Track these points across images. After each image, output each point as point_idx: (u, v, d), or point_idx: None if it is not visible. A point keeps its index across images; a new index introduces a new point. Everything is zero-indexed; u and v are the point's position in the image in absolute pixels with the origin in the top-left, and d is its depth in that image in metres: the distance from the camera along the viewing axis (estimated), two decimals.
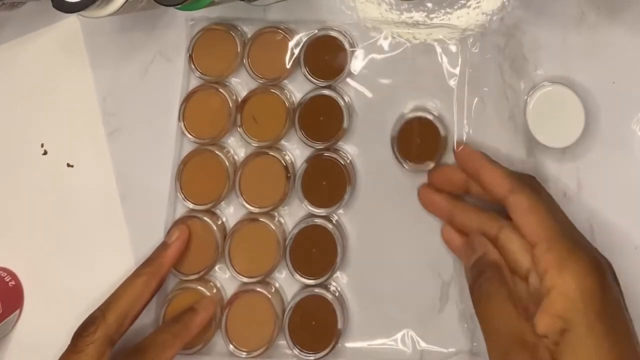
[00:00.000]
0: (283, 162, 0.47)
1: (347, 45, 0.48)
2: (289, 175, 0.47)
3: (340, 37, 0.48)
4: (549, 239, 0.36)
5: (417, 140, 0.46)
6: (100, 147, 0.52)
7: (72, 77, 0.53)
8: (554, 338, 0.34)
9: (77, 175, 0.53)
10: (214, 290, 0.48)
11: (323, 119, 0.48)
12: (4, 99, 0.54)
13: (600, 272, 0.35)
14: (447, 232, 0.44)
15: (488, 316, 0.36)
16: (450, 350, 0.45)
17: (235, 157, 0.50)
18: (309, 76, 0.48)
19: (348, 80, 0.49)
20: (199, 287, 0.47)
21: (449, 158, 0.46)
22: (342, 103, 0.47)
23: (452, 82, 0.47)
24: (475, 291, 0.38)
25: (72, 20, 0.53)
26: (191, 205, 0.49)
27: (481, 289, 0.37)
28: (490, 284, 0.37)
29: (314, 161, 0.47)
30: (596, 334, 0.33)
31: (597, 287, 0.34)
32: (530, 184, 0.42)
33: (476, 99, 0.47)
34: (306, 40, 0.48)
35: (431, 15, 0.48)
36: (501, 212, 0.41)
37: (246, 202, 0.48)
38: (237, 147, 0.50)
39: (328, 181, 0.47)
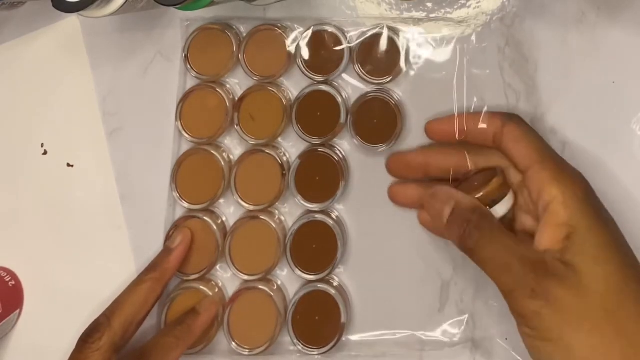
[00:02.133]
0: (279, 159, 0.48)
1: (343, 40, 0.48)
2: (284, 172, 0.47)
3: (337, 32, 0.48)
4: (542, 161, 0.38)
5: (374, 121, 0.47)
6: (100, 147, 0.52)
7: (72, 77, 0.53)
8: (559, 246, 0.35)
9: (77, 175, 0.53)
10: (216, 290, 0.48)
11: (320, 114, 0.48)
12: (4, 99, 0.54)
13: (586, 181, 0.38)
14: (423, 216, 0.45)
15: (490, 258, 0.37)
16: (452, 340, 0.45)
17: (231, 156, 0.50)
18: (306, 71, 0.48)
19: (345, 75, 0.49)
20: (201, 287, 0.47)
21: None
22: (339, 99, 0.47)
23: (452, 82, 0.47)
24: (468, 241, 0.38)
25: (72, 20, 0.53)
26: (186, 205, 0.49)
27: (473, 237, 0.37)
28: (481, 230, 0.37)
29: (307, 157, 0.48)
30: (599, 228, 0.35)
31: (589, 192, 0.37)
32: (516, 117, 0.42)
33: (475, 98, 0.47)
34: (302, 36, 0.48)
35: (431, 15, 0.48)
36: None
37: (242, 199, 0.48)
38: (234, 146, 0.50)
39: (321, 176, 0.47)
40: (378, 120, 0.47)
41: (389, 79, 0.47)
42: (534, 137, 0.40)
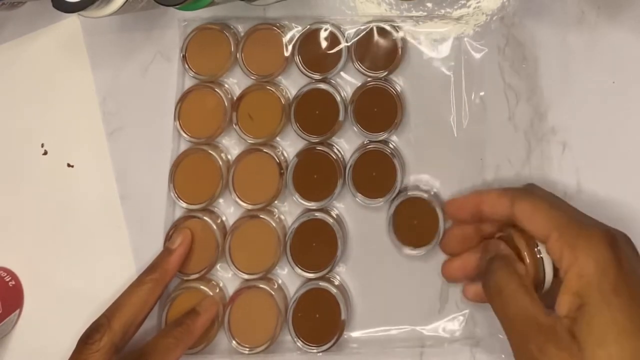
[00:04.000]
0: (276, 158, 0.48)
1: (341, 38, 0.48)
2: (282, 171, 0.47)
3: (335, 30, 0.48)
4: (557, 228, 0.37)
5: (374, 109, 0.47)
6: (100, 147, 0.52)
7: (72, 77, 0.53)
8: (572, 315, 0.34)
9: (77, 175, 0.53)
10: (217, 290, 0.48)
11: (319, 113, 0.48)
12: (4, 99, 0.54)
13: (613, 244, 0.35)
14: (468, 289, 0.44)
15: (503, 306, 0.37)
16: (453, 337, 0.46)
17: (229, 156, 0.50)
18: (304, 70, 0.48)
19: (343, 73, 0.49)
20: (201, 287, 0.47)
21: None
22: (338, 97, 0.47)
23: (451, 82, 0.47)
24: (487, 284, 0.38)
25: (72, 20, 0.53)
26: (184, 205, 0.49)
27: (490, 281, 0.38)
28: (499, 274, 0.38)
29: (305, 155, 0.48)
30: (612, 307, 0.33)
31: (610, 260, 0.34)
32: (528, 189, 0.42)
33: (475, 99, 0.47)
34: (300, 35, 0.49)
35: (431, 15, 0.48)
36: None
37: (239, 198, 0.48)
38: (232, 146, 0.50)
39: (319, 175, 0.47)
40: (378, 109, 0.47)
41: (385, 74, 0.47)
42: (546, 206, 0.38)
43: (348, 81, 0.49)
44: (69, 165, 0.53)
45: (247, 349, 0.46)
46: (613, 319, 0.33)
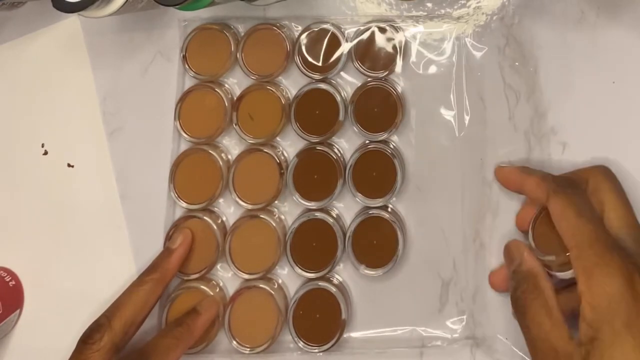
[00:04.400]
0: (277, 158, 0.48)
1: (341, 38, 0.48)
2: (282, 171, 0.48)
3: (335, 30, 0.48)
4: (578, 246, 0.36)
5: (374, 109, 0.47)
6: (101, 147, 0.52)
7: (72, 77, 0.53)
8: (588, 347, 0.33)
9: (77, 175, 0.53)
10: (217, 289, 0.48)
11: (319, 113, 0.48)
12: (4, 99, 0.54)
13: (629, 277, 0.34)
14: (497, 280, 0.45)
15: (526, 326, 0.37)
16: (453, 337, 0.46)
17: (230, 156, 0.50)
18: (304, 70, 0.48)
19: (343, 73, 0.49)
20: (202, 287, 0.47)
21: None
22: (338, 97, 0.47)
23: (451, 82, 0.47)
24: (514, 303, 0.39)
25: (72, 20, 0.53)
26: (185, 205, 0.49)
27: (518, 301, 0.38)
28: (525, 296, 0.38)
29: (305, 155, 0.48)
30: (623, 345, 0.32)
31: (625, 295, 0.33)
32: (567, 185, 0.41)
33: (475, 99, 0.47)
34: (300, 34, 0.49)
35: (431, 15, 0.48)
36: None
37: (240, 198, 0.48)
38: (232, 146, 0.50)
39: (319, 175, 0.47)
40: (378, 109, 0.47)
41: (386, 74, 0.47)
42: (573, 214, 0.37)
43: (348, 81, 0.49)
44: (69, 165, 0.53)
45: (248, 349, 0.46)
46: (624, 358, 0.32)
